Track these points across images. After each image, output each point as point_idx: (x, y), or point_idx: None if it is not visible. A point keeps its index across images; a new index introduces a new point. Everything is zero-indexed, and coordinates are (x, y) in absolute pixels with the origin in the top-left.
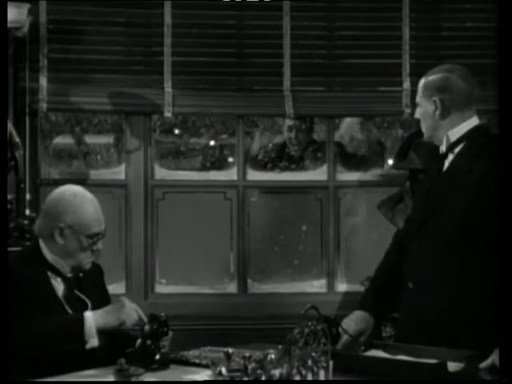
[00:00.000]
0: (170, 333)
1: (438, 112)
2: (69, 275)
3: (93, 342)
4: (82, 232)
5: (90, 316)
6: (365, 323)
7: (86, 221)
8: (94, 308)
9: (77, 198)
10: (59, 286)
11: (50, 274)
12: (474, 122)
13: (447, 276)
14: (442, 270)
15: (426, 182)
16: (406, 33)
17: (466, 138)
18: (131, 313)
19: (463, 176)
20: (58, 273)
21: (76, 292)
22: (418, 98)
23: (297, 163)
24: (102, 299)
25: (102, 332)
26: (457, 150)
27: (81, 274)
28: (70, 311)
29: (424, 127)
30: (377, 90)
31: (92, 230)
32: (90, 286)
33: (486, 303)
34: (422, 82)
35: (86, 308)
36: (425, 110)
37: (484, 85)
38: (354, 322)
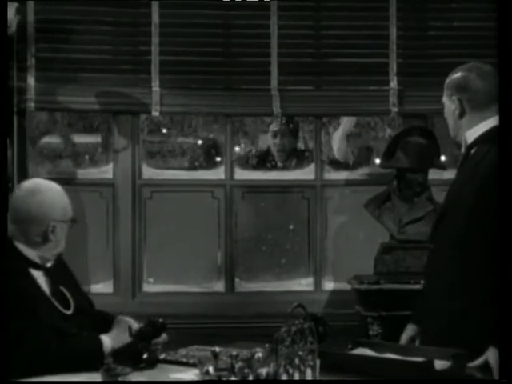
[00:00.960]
0: (164, 335)
1: (457, 111)
2: (48, 265)
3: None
4: (66, 220)
5: (106, 341)
6: None
7: (66, 207)
8: (76, 303)
9: (50, 192)
10: (42, 281)
11: (31, 270)
12: (491, 123)
13: (454, 277)
14: (451, 270)
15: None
16: (393, 32)
17: (481, 139)
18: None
19: (469, 180)
20: (38, 267)
21: (61, 288)
22: (444, 98)
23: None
24: (76, 289)
25: None
26: (472, 151)
27: (49, 264)
28: (58, 307)
29: (449, 127)
30: (364, 89)
31: (70, 213)
32: (63, 277)
33: (485, 304)
34: (446, 81)
35: (68, 303)
36: (448, 109)
37: None
38: None
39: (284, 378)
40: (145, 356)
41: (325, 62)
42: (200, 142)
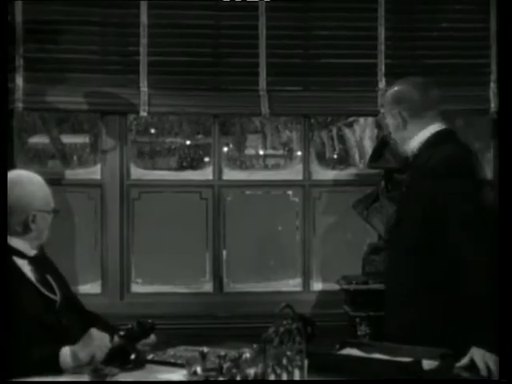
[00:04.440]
0: (153, 336)
1: (400, 124)
2: (31, 254)
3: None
4: (47, 210)
5: (65, 353)
6: None
7: (47, 198)
8: (60, 290)
9: (31, 183)
10: (26, 269)
11: (15, 259)
12: (432, 129)
13: (410, 283)
14: (407, 276)
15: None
16: (382, 33)
17: (425, 146)
18: (101, 344)
19: (416, 185)
20: (22, 256)
21: (46, 276)
22: (385, 116)
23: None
24: (63, 282)
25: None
26: (417, 158)
27: (32, 254)
28: (45, 293)
29: (397, 142)
30: (352, 89)
31: (52, 204)
32: (49, 268)
33: (441, 309)
34: (384, 99)
35: (54, 292)
36: (391, 125)
37: (462, 84)
38: None
39: (272, 378)
40: (132, 357)
41: (313, 63)
42: (188, 142)
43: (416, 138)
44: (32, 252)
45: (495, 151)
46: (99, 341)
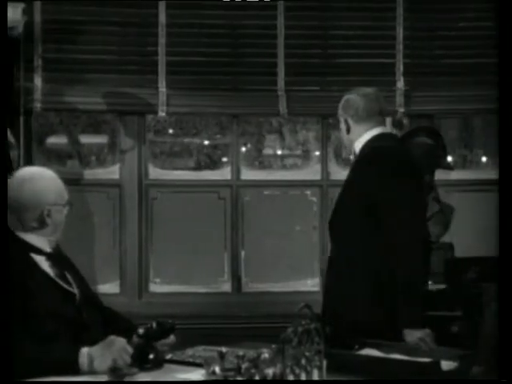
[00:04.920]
0: (172, 337)
1: (344, 128)
2: (49, 250)
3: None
4: (62, 204)
5: (84, 355)
6: None
7: (61, 191)
8: (79, 287)
9: (43, 178)
10: (45, 265)
11: (33, 255)
12: (372, 132)
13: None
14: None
15: None
16: (400, 32)
17: (365, 145)
18: (121, 351)
19: (352, 174)
20: (40, 252)
21: (65, 272)
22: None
23: None
24: (81, 279)
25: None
26: (358, 158)
27: (49, 249)
28: (64, 287)
29: (344, 143)
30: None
31: (66, 196)
32: (67, 265)
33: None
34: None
35: (72, 286)
36: (341, 129)
37: (481, 84)
38: None
39: (290, 378)
40: (151, 356)
41: (331, 63)
42: (206, 142)
43: (360, 139)
44: (49, 248)
45: None
46: (118, 350)
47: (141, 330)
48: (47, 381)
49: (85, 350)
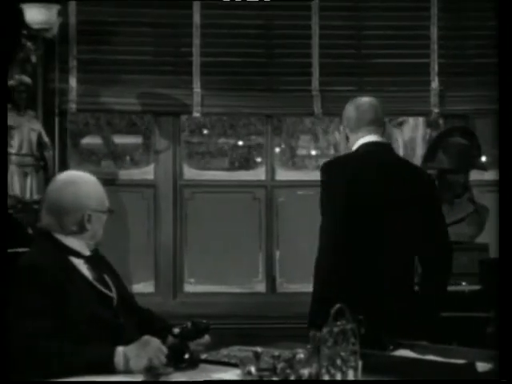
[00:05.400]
0: (207, 337)
1: (343, 137)
2: (87, 254)
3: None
4: (102, 210)
5: (119, 355)
6: None
7: (102, 198)
8: (117, 289)
9: (85, 183)
10: (83, 268)
11: (72, 258)
12: (365, 140)
13: None
14: None
15: None
16: (435, 32)
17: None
18: (156, 351)
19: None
20: (78, 255)
21: (103, 276)
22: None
23: None
24: (119, 282)
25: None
26: None
27: (88, 253)
28: (103, 290)
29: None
30: (405, 89)
31: (106, 203)
32: (105, 268)
33: None
34: None
35: (110, 288)
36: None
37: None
38: None
39: (326, 378)
40: (186, 356)
41: (366, 63)
42: (240, 142)
43: (354, 147)
44: (87, 251)
45: None
46: (153, 350)
47: (176, 330)
48: (102, 381)
49: (120, 350)
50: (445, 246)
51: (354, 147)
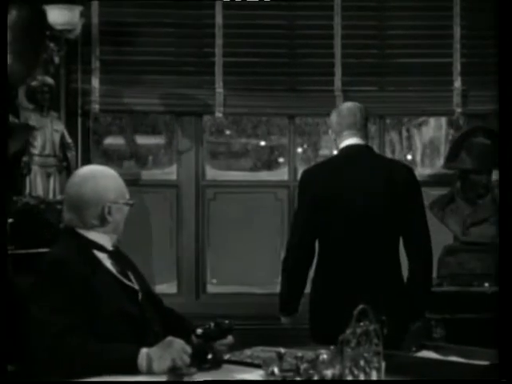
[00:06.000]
0: (230, 337)
1: (333, 139)
2: (111, 248)
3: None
4: (122, 202)
5: (142, 355)
6: None
7: (121, 190)
8: (140, 285)
9: (104, 176)
10: (107, 263)
11: (96, 252)
12: (346, 143)
13: None
14: None
15: None
16: (457, 31)
17: None
18: (180, 352)
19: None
20: (102, 249)
21: (127, 271)
22: None
23: None
24: (142, 278)
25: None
26: None
27: (111, 247)
28: (128, 284)
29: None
30: (427, 89)
31: (126, 195)
32: (128, 265)
33: None
34: None
35: (133, 284)
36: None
37: None
38: None
39: (349, 379)
40: (210, 356)
41: (388, 63)
42: (263, 143)
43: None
44: (110, 246)
45: None
46: (177, 350)
47: (199, 330)
48: (126, 381)
49: (144, 352)
50: (424, 234)
51: (340, 148)
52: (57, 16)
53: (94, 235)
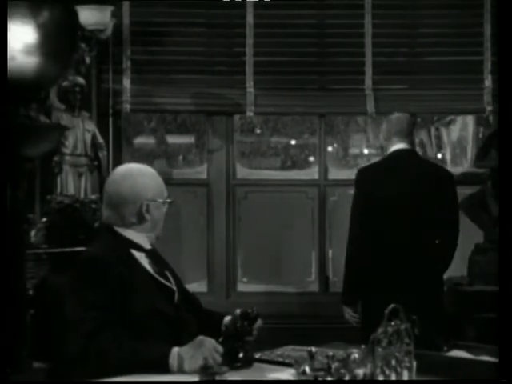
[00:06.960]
0: (259, 321)
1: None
2: (148, 247)
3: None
4: (160, 200)
5: (174, 354)
6: None
7: (160, 188)
8: (177, 285)
9: (142, 174)
10: (145, 262)
11: (133, 251)
12: (393, 148)
13: None
14: None
15: None
16: (488, 29)
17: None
18: (212, 351)
19: None
20: (140, 248)
21: (164, 271)
22: None
23: None
24: (178, 279)
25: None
26: None
27: (149, 246)
28: (166, 284)
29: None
30: (458, 87)
31: (165, 193)
32: (165, 264)
33: None
34: None
35: (171, 283)
36: None
37: None
38: None
39: (380, 378)
40: (241, 355)
41: (419, 61)
42: (293, 142)
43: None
44: (148, 245)
45: None
46: (209, 350)
47: (227, 319)
48: (158, 381)
49: (175, 351)
50: (454, 234)
51: (387, 153)
52: (88, 16)
53: (131, 234)
